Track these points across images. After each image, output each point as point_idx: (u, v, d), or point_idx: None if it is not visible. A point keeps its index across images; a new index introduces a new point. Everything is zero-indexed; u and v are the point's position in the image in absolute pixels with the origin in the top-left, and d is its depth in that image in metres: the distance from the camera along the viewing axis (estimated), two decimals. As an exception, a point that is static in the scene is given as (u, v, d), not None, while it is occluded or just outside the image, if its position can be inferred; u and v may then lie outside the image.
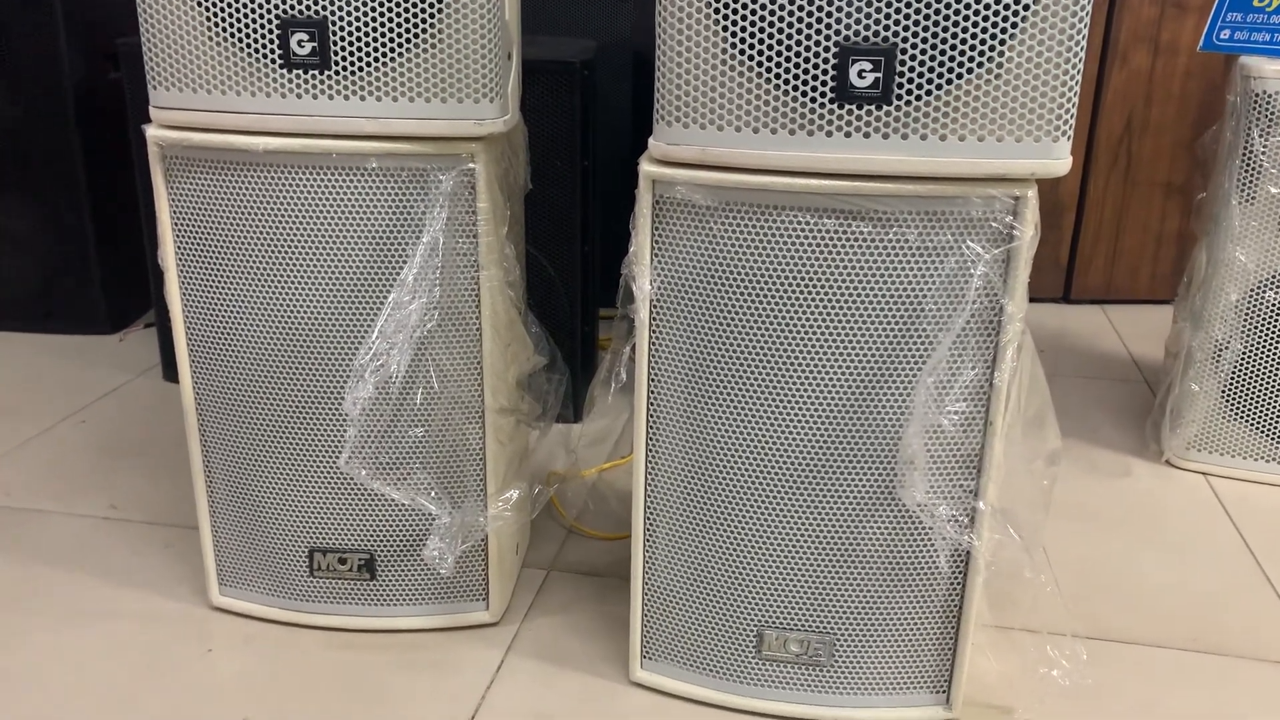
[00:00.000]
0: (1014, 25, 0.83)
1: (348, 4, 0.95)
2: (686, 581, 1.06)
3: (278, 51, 0.97)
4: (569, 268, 1.64)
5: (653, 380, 1.00)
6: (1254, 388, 1.53)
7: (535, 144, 1.46)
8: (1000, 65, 0.84)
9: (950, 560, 1.00)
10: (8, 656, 1.15)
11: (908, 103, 0.86)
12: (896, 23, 0.84)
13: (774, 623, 1.04)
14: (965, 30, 0.84)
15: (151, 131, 1.03)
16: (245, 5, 0.96)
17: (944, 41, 0.84)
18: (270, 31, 0.97)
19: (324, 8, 0.96)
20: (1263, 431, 1.55)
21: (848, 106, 0.87)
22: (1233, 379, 1.54)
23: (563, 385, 1.26)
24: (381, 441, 1.08)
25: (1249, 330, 1.51)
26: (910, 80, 0.85)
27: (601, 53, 1.76)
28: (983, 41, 0.84)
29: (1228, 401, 1.55)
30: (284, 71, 0.98)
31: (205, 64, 0.99)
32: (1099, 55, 2.16)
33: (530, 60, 1.40)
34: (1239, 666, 1.17)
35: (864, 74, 0.85)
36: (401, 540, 1.15)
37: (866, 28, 0.85)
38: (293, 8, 0.96)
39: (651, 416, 1.02)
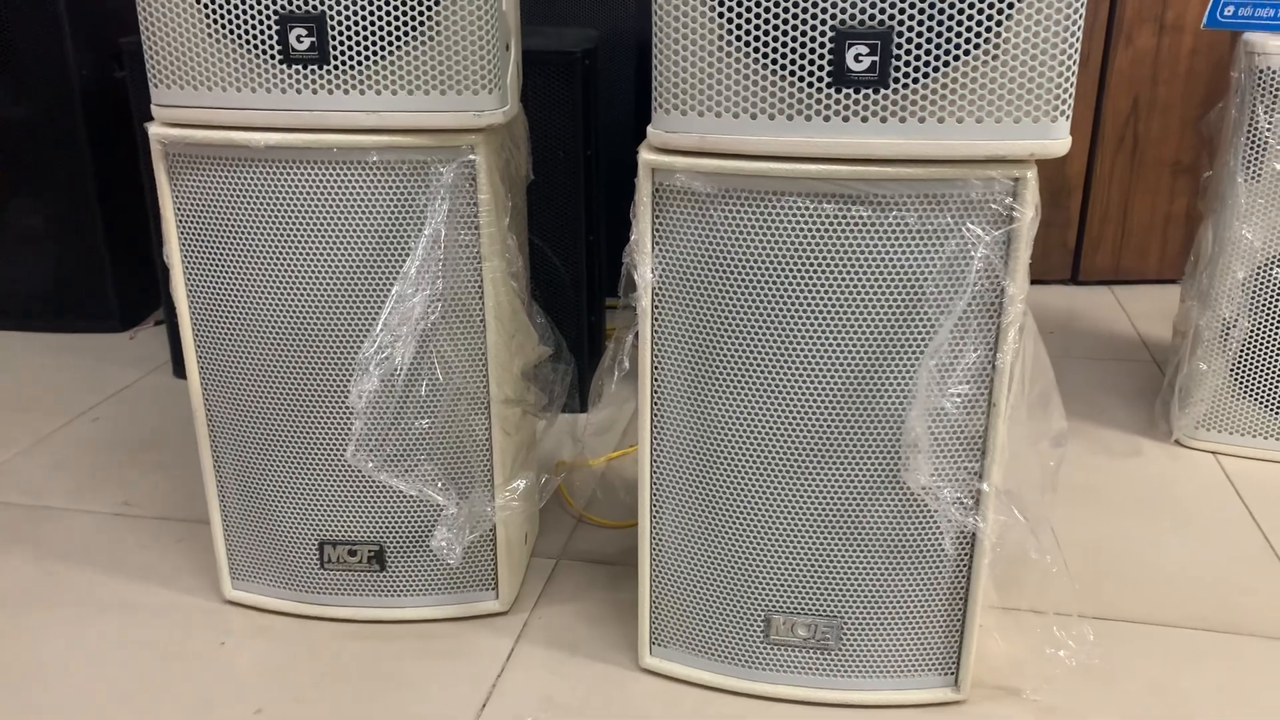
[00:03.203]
0: (1010, 6, 0.83)
1: (345, -2, 0.96)
2: (694, 568, 1.07)
3: (277, 47, 0.98)
4: (574, 258, 1.64)
5: (656, 368, 1.01)
6: (1262, 366, 1.53)
7: (537, 134, 1.46)
8: (997, 46, 0.84)
9: (956, 542, 1.00)
10: (25, 650, 1.16)
11: (905, 86, 0.86)
12: (893, 5, 0.84)
13: (781, 607, 1.05)
14: (961, 12, 0.84)
15: (154, 129, 1.04)
16: (244, 2, 0.97)
17: (940, 24, 0.84)
18: (269, 27, 0.97)
19: (322, 1, 0.96)
20: (1272, 409, 1.54)
21: (845, 91, 0.87)
22: (1241, 357, 1.54)
23: (568, 375, 1.27)
24: (387, 434, 1.08)
25: (1256, 308, 1.50)
26: (907, 63, 0.85)
27: (603, 42, 1.76)
28: (979, 23, 0.84)
29: (1236, 380, 1.55)
30: (283, 67, 0.98)
31: (205, 61, 0.99)
32: (1104, 35, 2.15)
33: (531, 50, 1.40)
34: (1250, 645, 1.17)
35: (860, 58, 0.85)
36: (410, 531, 1.16)
37: (862, 11, 0.85)
38: (291, 3, 0.96)
39: (656, 404, 1.02)
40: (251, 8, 0.97)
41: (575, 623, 1.21)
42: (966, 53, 0.85)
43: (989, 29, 0.84)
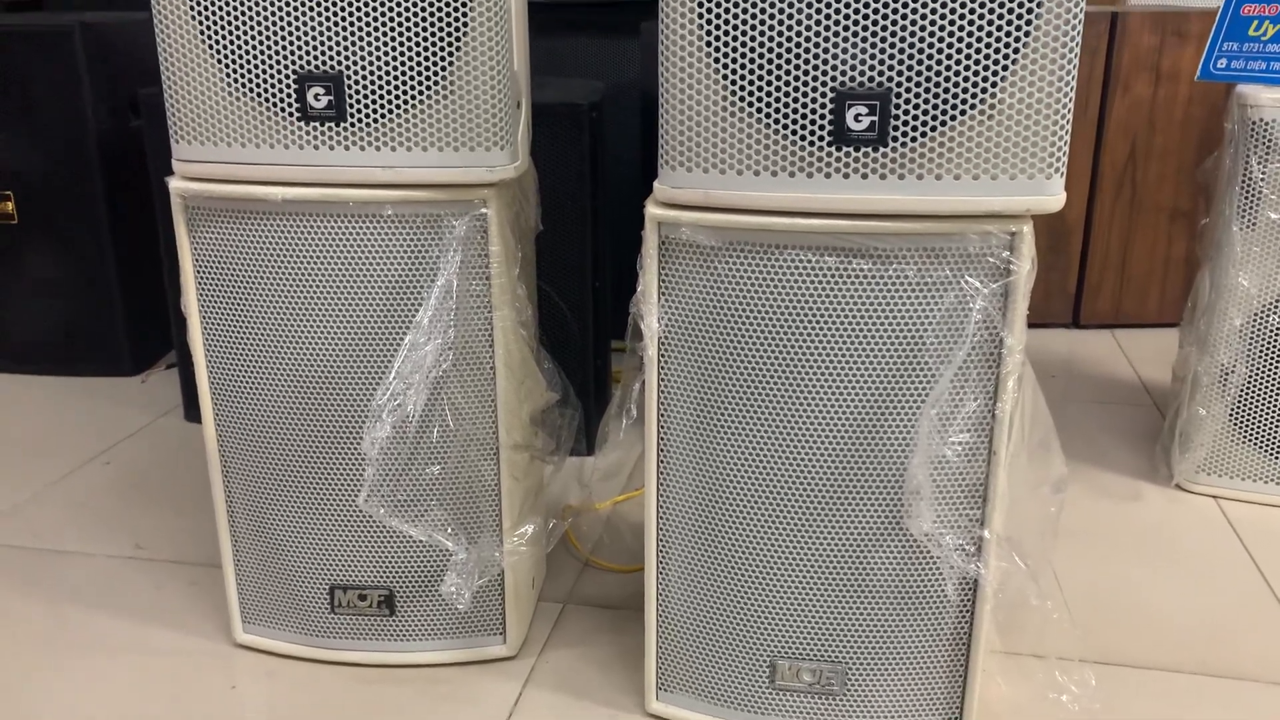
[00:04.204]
0: (1004, 68, 0.86)
1: (362, 58, 0.99)
2: (700, 613, 1.08)
3: (295, 105, 1.01)
4: (581, 303, 1.67)
5: (662, 415, 1.03)
6: (1260, 411, 1.55)
7: (546, 184, 1.50)
8: (993, 106, 0.87)
9: (958, 589, 1.02)
10: (36, 693, 1.18)
11: (903, 144, 0.89)
12: (891, 68, 0.87)
13: (786, 653, 1.06)
14: (957, 74, 0.87)
15: (174, 184, 1.07)
16: (264, 61, 1.00)
17: (937, 85, 0.87)
18: (288, 86, 1.01)
19: (340, 62, 0.99)
20: (1271, 454, 1.56)
21: (845, 149, 0.89)
22: (1239, 403, 1.55)
23: (575, 420, 1.29)
24: (399, 480, 1.10)
25: (1253, 354, 1.52)
26: (905, 123, 0.88)
27: (610, 93, 1.80)
28: (975, 84, 0.87)
29: (1235, 425, 1.56)
30: (301, 124, 1.02)
31: (226, 118, 1.03)
32: (1101, 83, 2.19)
33: (540, 103, 1.44)
34: (1251, 690, 1.18)
35: (860, 117, 0.88)
36: (420, 576, 1.18)
37: (862, 73, 0.88)
38: (310, 62, 1.00)
39: (662, 451, 1.04)
40: (271, 67, 1.00)
41: (582, 667, 1.22)
42: (963, 113, 0.87)
43: (985, 90, 0.87)
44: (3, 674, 1.21)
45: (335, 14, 0.98)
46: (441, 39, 0.98)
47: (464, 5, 0.97)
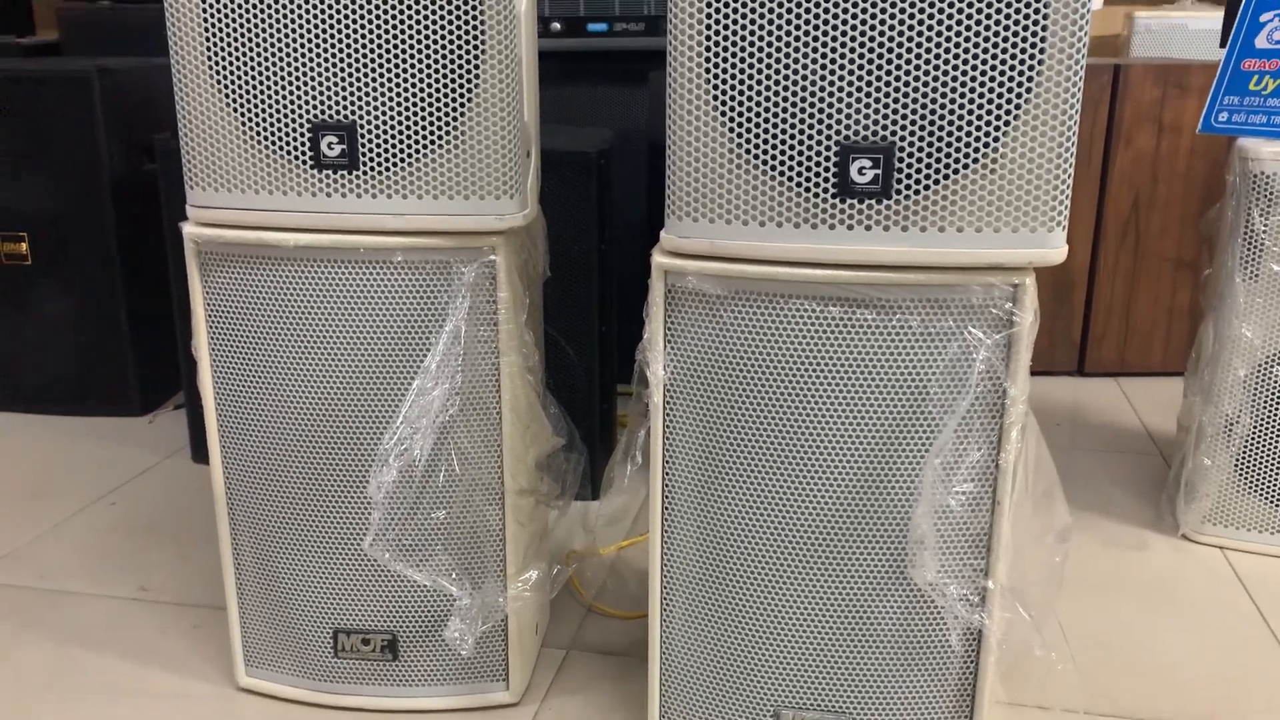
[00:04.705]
0: (1006, 123, 0.88)
1: (375, 108, 1.01)
2: (703, 661, 1.08)
3: (309, 153, 1.03)
4: (588, 348, 1.68)
5: (667, 462, 1.03)
6: (1266, 462, 1.54)
7: (554, 230, 1.51)
8: (995, 160, 0.89)
9: (962, 639, 1.02)
10: (39, 738, 1.17)
11: (907, 197, 0.90)
12: (894, 122, 0.89)
13: (790, 702, 1.06)
14: (960, 128, 0.88)
15: (188, 229, 1.08)
16: (279, 110, 1.02)
17: (940, 139, 0.89)
18: (302, 134, 1.02)
19: (353, 111, 1.01)
20: (1277, 505, 1.55)
21: (849, 201, 0.91)
22: (1244, 453, 1.55)
23: (581, 465, 1.29)
24: (404, 524, 1.11)
25: (1258, 405, 1.52)
26: (909, 176, 0.89)
27: (618, 141, 1.83)
28: (977, 138, 0.88)
29: (1241, 475, 1.56)
30: (314, 172, 1.03)
31: (240, 165, 1.04)
32: (1105, 135, 2.21)
33: (549, 150, 1.46)
34: (1258, 744, 1.17)
35: (864, 170, 0.90)
36: (423, 621, 1.18)
37: (866, 127, 0.89)
38: (323, 112, 1.02)
39: (666, 498, 1.04)
40: (286, 116, 1.02)
41: (585, 714, 1.21)
42: (966, 166, 0.89)
43: (987, 144, 0.88)
44: (5, 715, 1.21)
45: (349, 64, 1.00)
46: (453, 90, 1.00)
47: (475, 57, 0.99)
